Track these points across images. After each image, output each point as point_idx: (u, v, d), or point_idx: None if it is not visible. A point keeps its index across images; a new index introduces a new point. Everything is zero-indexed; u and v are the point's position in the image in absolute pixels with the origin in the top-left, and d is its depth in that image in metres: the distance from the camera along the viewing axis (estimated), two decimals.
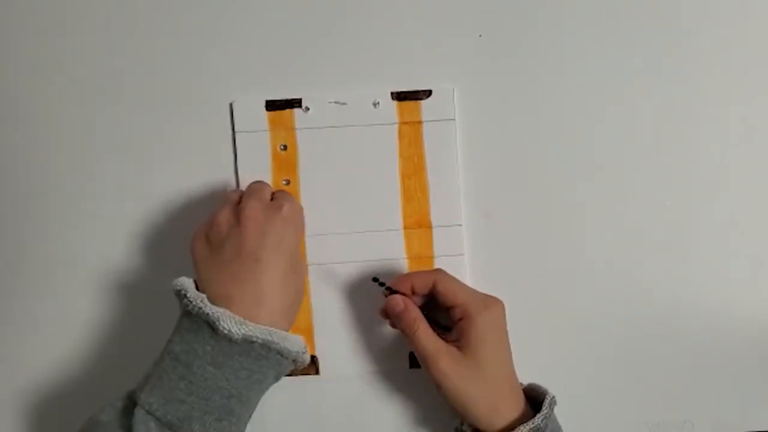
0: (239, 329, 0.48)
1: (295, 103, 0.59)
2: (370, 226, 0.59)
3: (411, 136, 0.59)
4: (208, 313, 0.48)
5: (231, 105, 0.59)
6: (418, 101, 0.59)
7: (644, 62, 0.59)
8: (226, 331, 0.48)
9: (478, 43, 0.59)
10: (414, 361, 0.59)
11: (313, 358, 0.59)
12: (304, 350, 0.52)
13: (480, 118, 0.59)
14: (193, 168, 0.59)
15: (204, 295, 0.50)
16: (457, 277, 0.58)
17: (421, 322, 0.53)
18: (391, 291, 0.55)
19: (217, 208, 0.54)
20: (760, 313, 0.59)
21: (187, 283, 0.51)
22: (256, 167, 0.59)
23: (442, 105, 0.59)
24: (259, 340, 0.48)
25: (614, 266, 0.59)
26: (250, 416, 0.51)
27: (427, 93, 0.59)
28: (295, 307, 0.54)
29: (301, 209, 0.56)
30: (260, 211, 0.53)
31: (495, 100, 0.59)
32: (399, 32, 0.59)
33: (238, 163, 0.59)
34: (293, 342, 0.51)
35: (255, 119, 0.59)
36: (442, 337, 0.53)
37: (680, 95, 0.59)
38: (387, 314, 0.55)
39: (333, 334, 0.59)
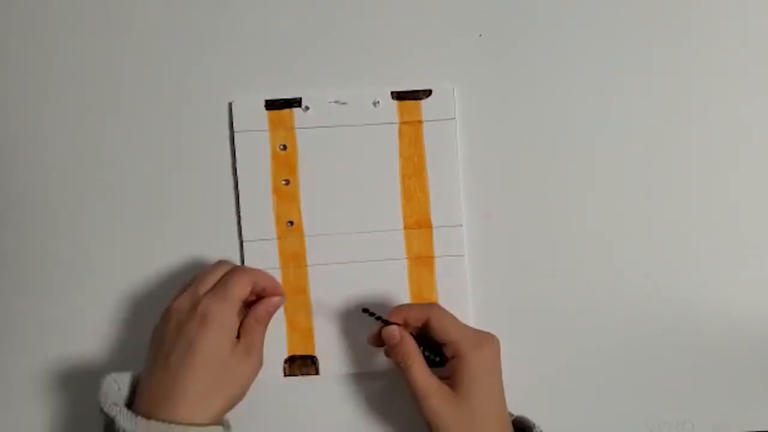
0: (131, 427, 0.49)
1: (294, 103, 0.59)
2: (370, 226, 0.59)
3: (411, 135, 0.59)
4: (107, 412, 0.51)
5: (230, 104, 0.59)
6: (418, 101, 0.59)
7: (644, 62, 0.59)
8: (122, 430, 0.49)
9: (478, 43, 0.59)
10: None
11: (313, 359, 0.59)
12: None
13: (480, 118, 0.59)
14: (192, 168, 0.59)
15: (115, 390, 0.52)
16: (457, 277, 0.58)
17: (415, 356, 0.53)
18: (385, 322, 0.54)
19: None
20: (761, 314, 0.59)
21: (107, 381, 0.53)
22: (256, 167, 0.59)
23: (442, 105, 0.59)
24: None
25: (614, 266, 0.59)
26: None
27: (427, 93, 0.59)
28: (219, 404, 0.52)
29: (221, 307, 0.52)
30: (183, 309, 0.53)
31: (495, 100, 0.59)
32: (399, 32, 0.59)
33: (237, 163, 0.59)
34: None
35: (254, 119, 0.59)
36: (434, 371, 0.53)
37: (680, 95, 0.59)
38: (378, 343, 0.55)
39: (333, 334, 0.59)
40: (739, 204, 0.59)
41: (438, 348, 0.54)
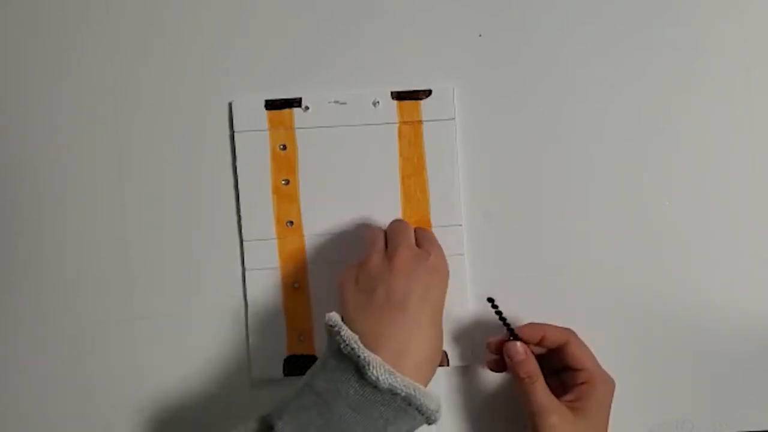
0: (387, 378, 0.47)
1: (294, 103, 0.59)
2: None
3: (411, 135, 0.59)
4: (359, 356, 0.48)
5: (230, 104, 0.59)
6: (418, 101, 0.59)
7: (644, 62, 0.59)
8: (373, 378, 0.47)
9: (478, 43, 0.59)
10: None
11: (314, 358, 0.59)
12: (439, 409, 0.50)
13: (480, 118, 0.59)
14: (192, 167, 0.59)
15: (357, 336, 0.49)
16: (457, 277, 0.58)
17: (539, 375, 0.54)
18: (513, 335, 0.55)
19: (367, 252, 0.54)
20: (761, 313, 0.59)
21: (338, 320, 0.50)
22: (256, 167, 0.59)
23: (442, 105, 0.59)
24: (403, 393, 0.47)
25: (614, 266, 0.59)
26: None
27: (427, 93, 0.59)
28: (435, 361, 0.51)
29: (444, 259, 0.54)
30: (410, 259, 0.52)
31: (495, 100, 0.59)
32: (399, 32, 0.59)
33: (237, 162, 0.59)
34: (433, 400, 0.49)
35: (254, 119, 0.59)
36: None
37: (681, 95, 0.59)
38: (497, 351, 0.56)
39: None
40: (739, 204, 0.59)
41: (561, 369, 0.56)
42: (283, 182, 0.59)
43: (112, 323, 0.59)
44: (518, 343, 0.55)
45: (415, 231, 0.56)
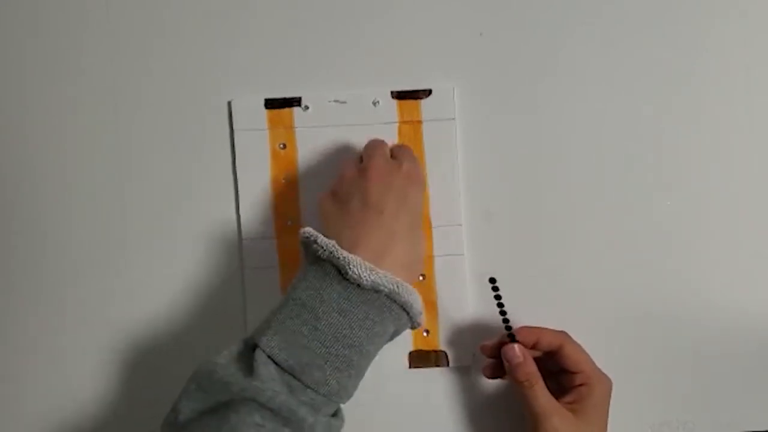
0: (369, 275, 0.47)
1: (294, 102, 0.59)
2: None
3: (411, 135, 0.59)
4: (339, 257, 0.48)
5: (230, 103, 0.59)
6: (418, 100, 0.59)
7: (644, 61, 0.59)
8: (355, 277, 0.47)
9: (479, 42, 0.59)
10: (413, 362, 0.59)
11: None
12: (421, 311, 0.51)
13: (480, 118, 0.59)
14: (192, 166, 0.59)
15: (334, 241, 0.49)
16: (457, 277, 0.58)
17: (539, 377, 0.54)
18: (511, 337, 0.55)
19: (342, 167, 0.54)
20: (761, 314, 0.59)
21: (313, 230, 0.50)
22: (255, 166, 0.59)
23: (442, 104, 0.59)
24: (386, 290, 0.48)
25: (614, 266, 0.59)
26: (365, 374, 0.50)
27: (427, 92, 0.59)
28: (416, 266, 0.53)
29: (419, 168, 0.55)
30: (383, 166, 0.53)
31: (495, 100, 0.59)
32: (399, 32, 0.59)
33: (236, 161, 0.59)
34: (416, 299, 0.50)
35: (254, 118, 0.59)
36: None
37: (681, 94, 0.59)
38: (492, 354, 0.56)
39: None
40: (740, 204, 0.59)
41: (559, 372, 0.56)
42: (283, 181, 0.59)
43: (111, 323, 0.59)
44: (516, 346, 0.55)
45: (392, 146, 0.56)
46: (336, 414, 0.50)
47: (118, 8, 0.60)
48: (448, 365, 0.59)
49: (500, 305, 0.55)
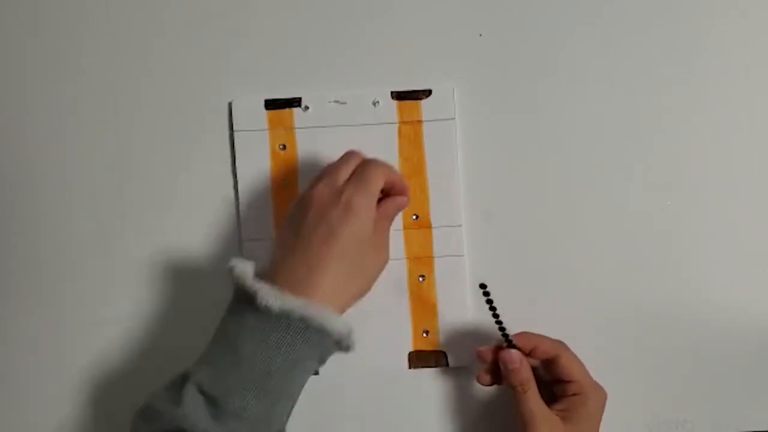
0: (276, 302, 0.48)
1: (294, 103, 0.59)
2: None
3: (411, 135, 0.59)
4: (247, 287, 0.49)
5: (230, 104, 0.59)
6: (418, 101, 0.59)
7: (644, 61, 0.59)
8: (263, 305, 0.48)
9: (478, 43, 0.59)
10: (413, 362, 0.59)
11: None
12: (348, 332, 0.50)
13: (480, 118, 0.59)
14: (192, 167, 0.59)
15: (249, 270, 0.50)
16: (457, 277, 0.58)
17: (532, 384, 0.54)
18: (509, 343, 0.55)
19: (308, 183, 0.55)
20: (761, 313, 0.59)
21: (236, 261, 0.51)
22: (255, 167, 0.59)
23: (442, 105, 0.59)
24: (297, 314, 0.48)
25: (614, 266, 0.59)
26: (294, 402, 0.51)
27: (427, 93, 0.59)
28: (354, 290, 0.53)
29: (364, 195, 0.52)
30: (324, 196, 0.52)
31: (495, 100, 0.59)
32: (399, 32, 0.59)
33: (237, 162, 0.59)
34: (333, 321, 0.50)
35: (254, 118, 0.59)
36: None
37: (681, 94, 0.59)
38: (488, 358, 0.56)
39: None
40: (740, 204, 0.59)
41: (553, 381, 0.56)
42: (283, 182, 0.59)
43: (111, 323, 0.59)
44: (514, 351, 0.55)
45: (360, 164, 0.54)
46: None
47: (118, 8, 0.60)
48: (447, 366, 0.59)
49: (493, 309, 0.55)
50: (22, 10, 0.60)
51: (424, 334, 0.59)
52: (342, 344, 0.51)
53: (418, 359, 0.59)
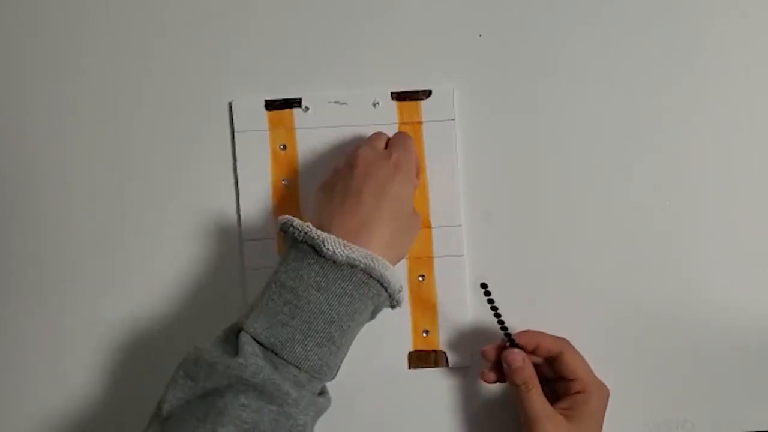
0: (343, 251, 0.48)
1: (294, 103, 0.59)
2: None
3: (411, 136, 0.59)
4: (313, 237, 0.49)
5: (230, 104, 0.59)
6: (418, 101, 0.59)
7: (644, 62, 0.59)
8: (330, 253, 0.48)
9: (478, 43, 0.59)
10: (413, 362, 0.59)
11: None
12: (401, 288, 0.51)
13: (480, 118, 0.59)
14: (192, 167, 0.59)
15: (309, 223, 0.50)
16: (457, 277, 0.58)
17: (536, 382, 0.54)
18: (511, 342, 0.55)
19: (337, 160, 0.56)
20: (761, 313, 0.59)
21: (290, 216, 0.51)
22: (256, 167, 0.59)
23: (442, 105, 0.59)
24: (362, 265, 0.48)
25: (614, 266, 0.59)
26: (345, 355, 0.51)
27: (427, 93, 0.59)
28: (398, 250, 0.53)
29: (410, 157, 0.54)
30: (370, 156, 0.53)
31: (495, 100, 0.59)
32: (399, 32, 0.59)
33: (237, 162, 0.59)
34: (394, 273, 0.50)
35: (254, 119, 0.59)
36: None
37: (681, 94, 0.59)
38: (492, 357, 0.56)
39: None
40: (739, 204, 0.59)
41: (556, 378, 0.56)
42: (283, 182, 0.59)
43: (112, 323, 0.59)
44: (516, 350, 0.55)
45: (392, 136, 0.57)
46: (322, 393, 0.51)
47: (118, 8, 0.60)
48: (447, 365, 0.59)
49: (494, 309, 0.55)
50: (22, 10, 0.59)
51: (424, 334, 0.59)
52: (394, 299, 0.51)
53: (418, 359, 0.59)
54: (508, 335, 0.55)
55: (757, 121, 0.59)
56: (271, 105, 0.59)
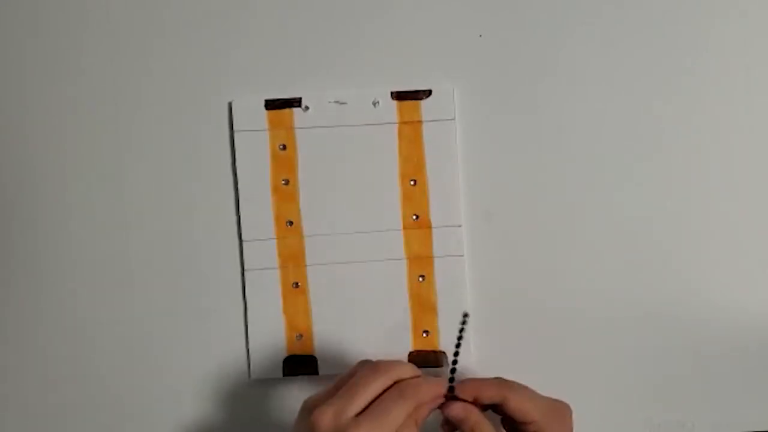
0: None
1: (294, 103, 0.59)
2: (369, 226, 0.59)
3: (411, 135, 0.59)
4: None
5: (230, 104, 0.59)
6: (418, 101, 0.59)
7: (644, 62, 0.59)
8: None
9: (478, 43, 0.59)
10: (413, 362, 0.59)
11: (313, 358, 0.59)
12: None
13: (480, 118, 0.59)
14: (192, 167, 0.59)
15: None
16: (457, 277, 0.58)
17: (484, 425, 0.50)
18: (451, 395, 0.51)
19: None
20: (761, 313, 0.59)
21: None
22: (255, 167, 0.59)
23: (442, 105, 0.59)
24: None
25: (614, 266, 0.59)
26: None
27: (427, 93, 0.59)
28: None
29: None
30: (325, 426, 0.46)
31: (495, 100, 0.59)
32: (399, 32, 0.59)
33: (237, 162, 0.59)
34: None
35: (254, 118, 0.59)
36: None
37: (681, 95, 0.59)
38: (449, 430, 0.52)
39: (332, 334, 0.59)
40: (740, 204, 0.59)
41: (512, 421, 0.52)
42: (283, 182, 0.59)
43: (112, 323, 0.59)
44: (456, 403, 0.50)
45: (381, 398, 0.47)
46: None
47: (118, 8, 0.59)
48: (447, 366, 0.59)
49: (458, 345, 0.51)
50: (22, 10, 0.59)
51: (424, 334, 0.59)
52: None
53: (418, 359, 0.59)
54: (450, 380, 0.51)
55: (757, 121, 0.59)
56: (270, 105, 0.59)
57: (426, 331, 0.59)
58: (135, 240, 0.59)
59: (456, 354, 0.51)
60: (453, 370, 0.51)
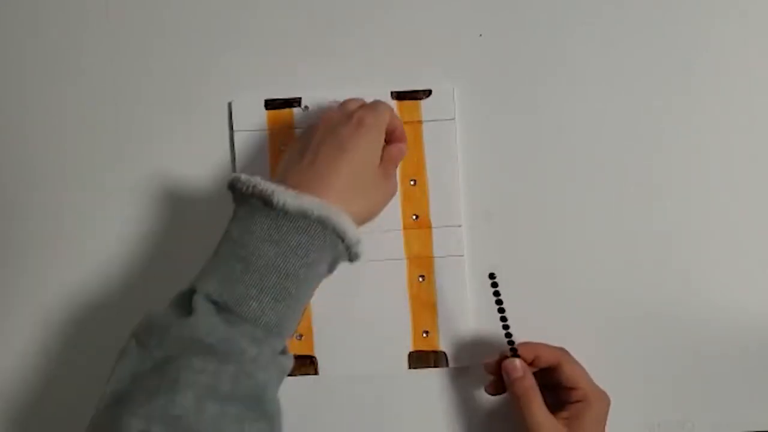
0: (294, 201, 0.47)
1: (294, 103, 0.59)
2: (369, 226, 0.58)
3: (411, 135, 0.59)
4: (262, 189, 0.47)
5: (230, 104, 0.59)
6: (418, 101, 0.59)
7: (644, 62, 0.59)
8: (280, 204, 0.47)
9: (478, 43, 0.59)
10: (413, 362, 0.59)
11: (313, 359, 0.59)
12: (359, 241, 0.49)
13: (480, 118, 0.59)
14: (192, 167, 0.59)
15: (258, 177, 0.49)
16: (457, 277, 0.58)
17: (537, 392, 0.54)
18: (513, 352, 0.55)
19: None
20: (761, 313, 0.59)
21: (238, 173, 0.50)
22: (255, 166, 0.59)
23: (442, 105, 0.59)
24: (315, 215, 0.47)
25: (614, 266, 0.59)
26: (303, 310, 0.49)
27: (427, 93, 0.59)
28: (359, 206, 0.51)
29: (377, 115, 0.53)
30: (335, 116, 0.53)
31: (495, 100, 0.59)
32: (399, 32, 0.59)
33: (236, 162, 0.59)
34: (351, 224, 0.48)
35: (254, 118, 0.59)
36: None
37: (681, 95, 0.59)
38: (494, 371, 0.56)
39: (332, 334, 0.59)
40: (740, 204, 0.59)
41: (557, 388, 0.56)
42: None
43: (112, 323, 0.59)
44: (517, 360, 0.55)
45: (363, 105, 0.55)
46: (283, 352, 0.48)
47: (118, 8, 0.60)
48: (447, 366, 0.59)
49: (501, 311, 0.55)
50: (22, 10, 0.60)
51: (424, 334, 0.59)
52: (352, 251, 0.49)
53: (418, 359, 0.59)
54: (510, 342, 0.55)
55: (757, 121, 0.59)
56: (270, 104, 0.59)
57: (426, 331, 0.59)
58: (135, 240, 0.59)
59: (502, 311, 0.55)
60: (506, 327, 0.55)
